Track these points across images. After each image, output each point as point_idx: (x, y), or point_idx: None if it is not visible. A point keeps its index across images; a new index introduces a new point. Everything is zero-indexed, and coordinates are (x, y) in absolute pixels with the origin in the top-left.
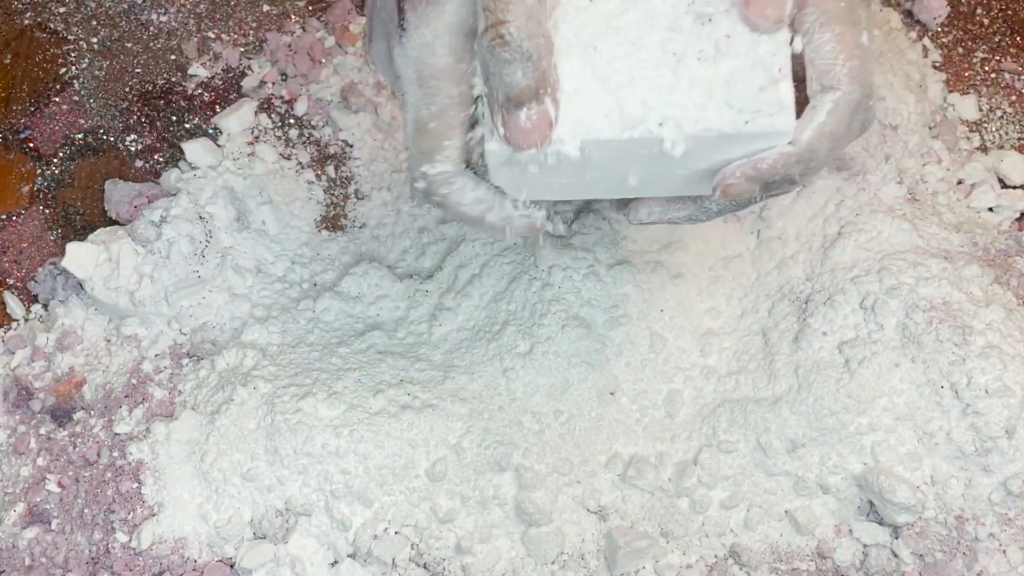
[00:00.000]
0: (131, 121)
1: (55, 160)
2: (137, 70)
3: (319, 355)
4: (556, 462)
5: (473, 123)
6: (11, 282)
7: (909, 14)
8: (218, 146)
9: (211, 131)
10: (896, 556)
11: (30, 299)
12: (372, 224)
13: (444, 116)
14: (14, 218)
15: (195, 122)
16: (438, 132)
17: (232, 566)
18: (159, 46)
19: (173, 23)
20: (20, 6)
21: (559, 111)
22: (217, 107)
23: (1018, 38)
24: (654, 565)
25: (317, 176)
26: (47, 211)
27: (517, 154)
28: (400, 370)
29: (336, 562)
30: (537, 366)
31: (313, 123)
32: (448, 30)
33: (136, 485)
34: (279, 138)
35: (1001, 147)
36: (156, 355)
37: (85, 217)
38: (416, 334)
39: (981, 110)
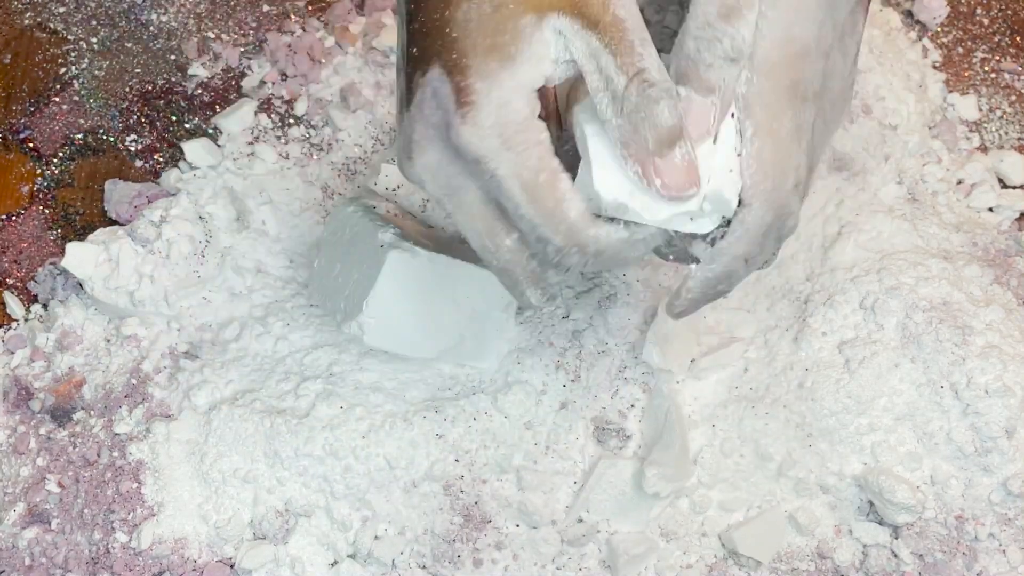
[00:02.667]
0: (131, 121)
1: (55, 160)
2: (137, 70)
3: (321, 354)
4: (556, 463)
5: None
6: (11, 282)
7: (909, 14)
8: (218, 146)
9: (211, 131)
10: (896, 556)
11: (30, 299)
12: None
13: (548, 163)
14: (14, 218)
15: (195, 122)
16: (550, 182)
17: (232, 566)
18: (159, 46)
19: (173, 23)
20: (20, 6)
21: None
22: (217, 107)
23: (1018, 38)
24: (655, 565)
25: (316, 175)
26: (47, 211)
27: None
28: (401, 370)
29: (336, 563)
30: (541, 369)
31: (313, 123)
32: (522, 87)
33: (136, 485)
34: (279, 138)
35: (1001, 147)
36: (156, 355)
37: (85, 217)
38: None
39: (981, 110)
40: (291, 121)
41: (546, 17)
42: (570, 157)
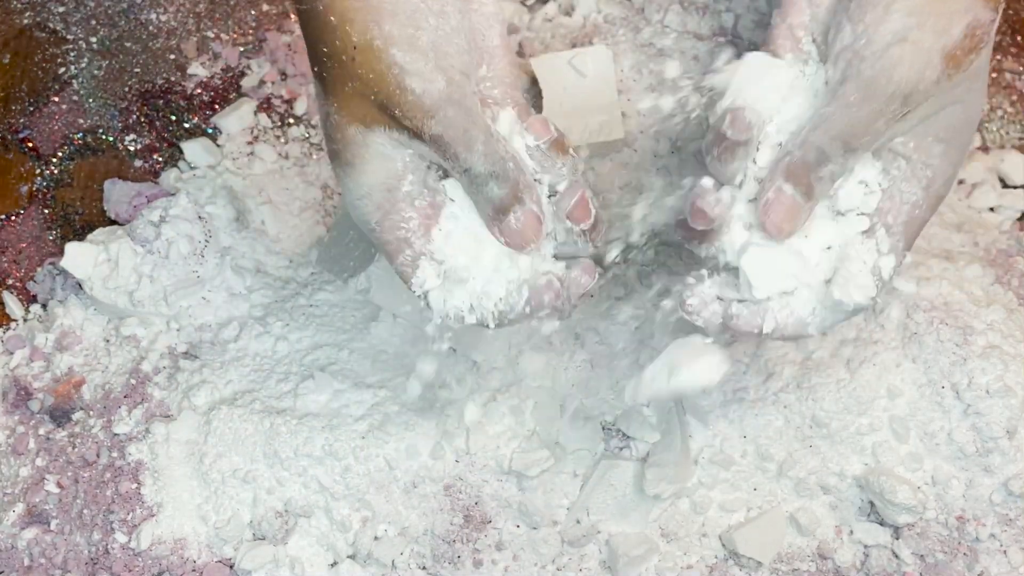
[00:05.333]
0: (130, 121)
1: (54, 160)
2: (136, 70)
3: (320, 354)
4: (557, 464)
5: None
6: (10, 282)
7: None
8: (217, 146)
9: (210, 131)
10: (897, 557)
11: (29, 299)
12: None
13: (410, 249)
14: (13, 218)
15: (194, 122)
16: (410, 264)
17: (231, 567)
18: (158, 45)
19: (172, 22)
20: (19, 5)
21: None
22: (216, 107)
23: (1019, 38)
24: (655, 566)
25: (316, 175)
26: (46, 211)
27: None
28: (401, 370)
29: (335, 563)
30: (540, 371)
31: (312, 122)
32: (371, 189)
33: (135, 485)
34: (278, 138)
35: (1002, 147)
36: (155, 355)
37: (84, 217)
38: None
39: (982, 110)
40: (291, 121)
41: (373, 129)
42: None
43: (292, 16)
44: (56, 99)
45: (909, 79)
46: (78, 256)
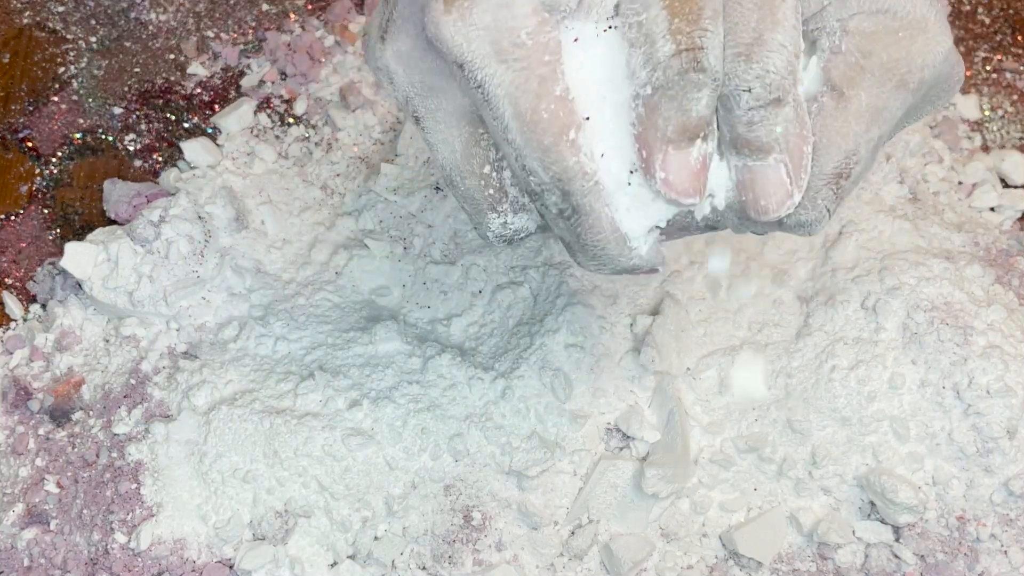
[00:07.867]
0: (130, 120)
1: (54, 160)
2: (136, 69)
3: (320, 354)
4: (557, 464)
5: None
6: (10, 282)
7: None
8: (217, 145)
9: (210, 130)
10: (897, 557)
11: (29, 299)
12: None
13: (553, 92)
14: (13, 218)
15: (194, 121)
16: (554, 117)
17: (231, 567)
18: (158, 45)
19: (172, 22)
20: (19, 5)
21: None
22: (216, 106)
23: (1019, 37)
24: (655, 566)
25: (316, 175)
26: (46, 211)
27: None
28: (402, 371)
29: (336, 563)
30: (538, 371)
31: (312, 122)
32: None
33: (135, 486)
34: (278, 137)
35: (1003, 147)
36: (155, 355)
37: (84, 217)
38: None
39: (982, 110)
40: (290, 120)
41: None
42: None
43: (292, 15)
44: (56, 99)
45: None
46: (78, 256)
